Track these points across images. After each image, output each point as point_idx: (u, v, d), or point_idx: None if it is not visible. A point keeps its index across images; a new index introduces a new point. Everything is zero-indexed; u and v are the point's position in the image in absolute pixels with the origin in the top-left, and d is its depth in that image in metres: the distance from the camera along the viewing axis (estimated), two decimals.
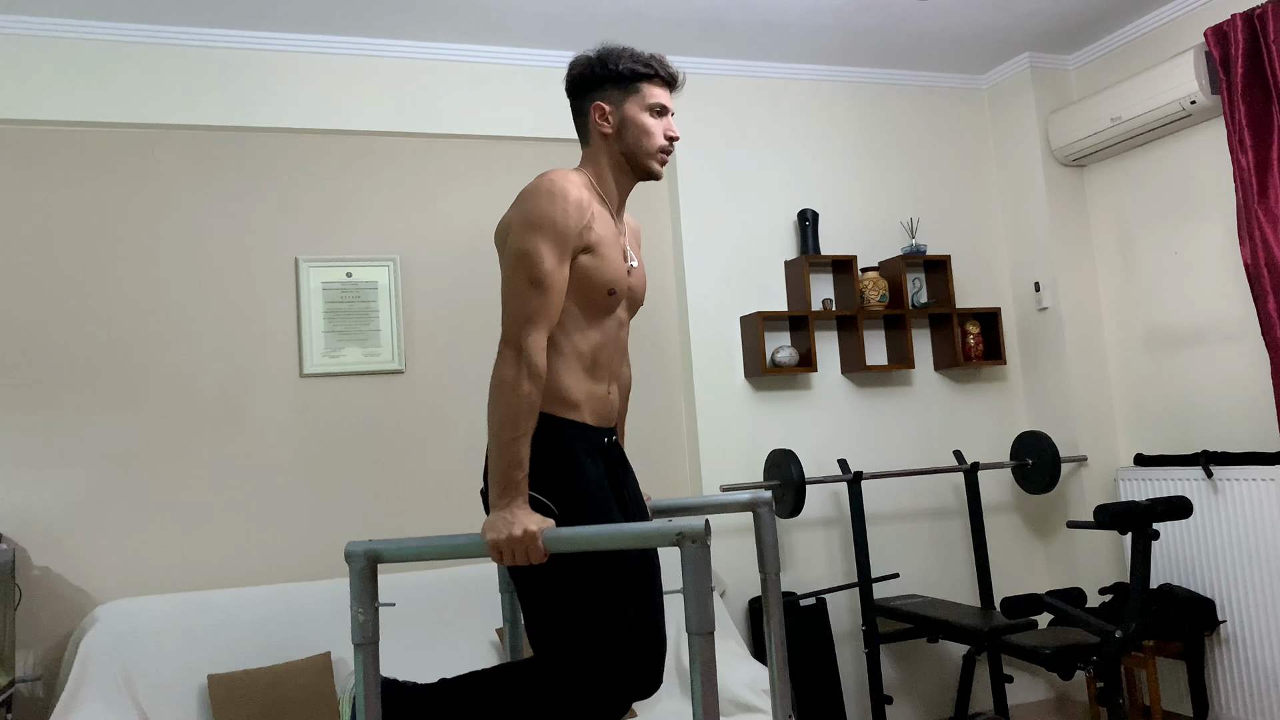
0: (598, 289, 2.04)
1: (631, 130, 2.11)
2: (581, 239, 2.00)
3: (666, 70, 2.15)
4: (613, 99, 2.12)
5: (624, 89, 2.11)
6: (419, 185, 4.02)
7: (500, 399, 1.89)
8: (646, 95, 2.12)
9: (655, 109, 2.13)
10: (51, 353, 3.53)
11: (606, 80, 2.11)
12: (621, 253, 2.11)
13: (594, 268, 2.03)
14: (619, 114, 2.11)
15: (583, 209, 2.00)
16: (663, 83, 2.14)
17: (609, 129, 2.12)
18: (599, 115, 2.12)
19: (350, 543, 1.78)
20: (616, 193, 2.16)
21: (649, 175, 2.16)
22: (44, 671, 3.38)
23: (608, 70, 2.11)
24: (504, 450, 1.87)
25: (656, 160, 2.14)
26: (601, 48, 2.14)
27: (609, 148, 2.14)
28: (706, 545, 1.60)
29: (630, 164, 2.14)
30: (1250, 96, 3.67)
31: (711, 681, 1.58)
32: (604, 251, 2.05)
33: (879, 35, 4.26)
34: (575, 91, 2.16)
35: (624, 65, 2.10)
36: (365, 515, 3.81)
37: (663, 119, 2.14)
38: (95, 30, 3.62)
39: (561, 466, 1.99)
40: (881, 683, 4.06)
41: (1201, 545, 3.95)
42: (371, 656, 1.76)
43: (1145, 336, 4.34)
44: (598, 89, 2.12)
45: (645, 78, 2.11)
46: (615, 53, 2.12)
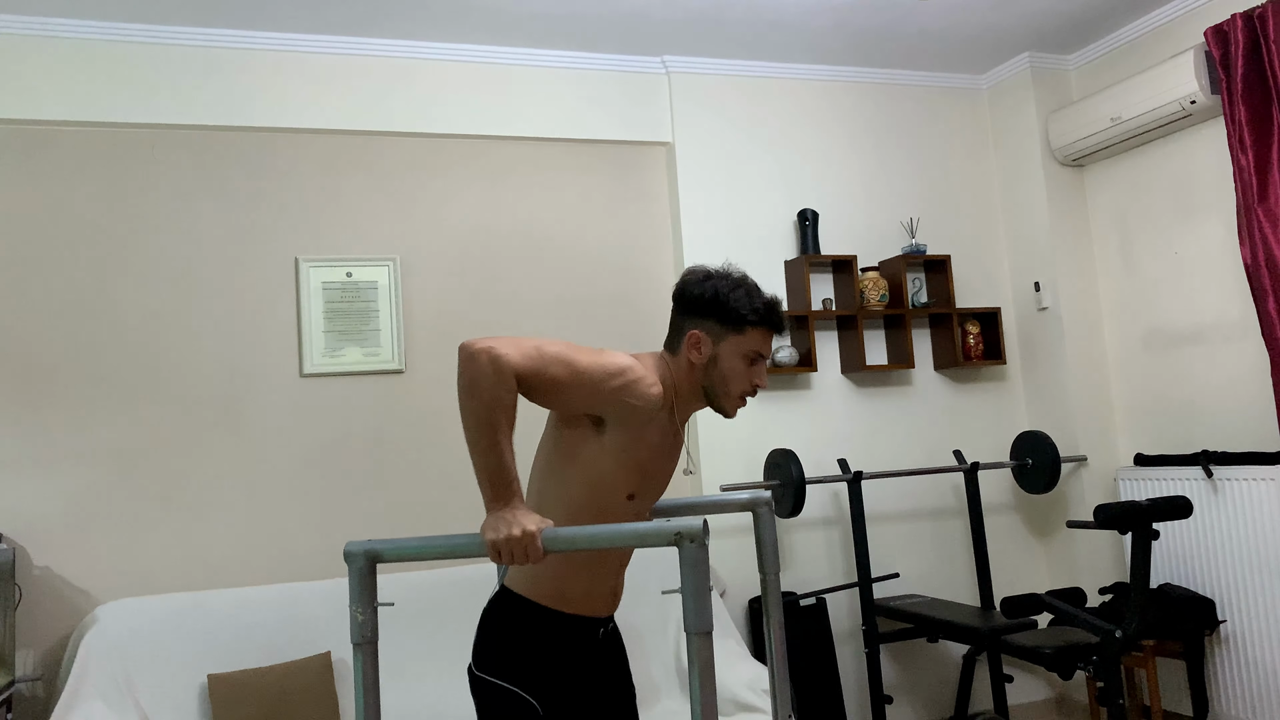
0: (618, 487, 1.93)
1: (720, 369, 1.99)
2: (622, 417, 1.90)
3: (777, 320, 2.02)
4: (713, 333, 1.99)
5: (727, 327, 1.98)
6: (419, 185, 4.02)
7: (472, 403, 1.79)
8: (748, 341, 1.99)
9: (750, 356, 2.01)
10: (52, 353, 3.53)
11: (713, 313, 1.98)
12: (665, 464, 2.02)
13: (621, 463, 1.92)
14: (713, 350, 1.99)
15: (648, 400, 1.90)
16: (769, 332, 2.02)
17: (699, 360, 2.00)
18: (693, 343, 1.99)
19: (349, 543, 1.78)
20: (682, 411, 2.05)
21: (720, 412, 2.05)
22: (44, 671, 3.38)
23: (717, 303, 1.98)
24: (486, 456, 1.80)
25: (732, 405, 2.03)
26: (720, 275, 2.00)
27: (692, 373, 2.01)
28: (704, 545, 1.60)
29: (707, 396, 2.03)
30: (1250, 96, 3.66)
31: (710, 681, 1.58)
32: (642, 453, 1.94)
33: (879, 35, 4.26)
34: (680, 305, 2.04)
35: (735, 304, 1.97)
36: (365, 515, 3.81)
37: (755, 366, 2.02)
38: (95, 30, 3.62)
39: (549, 665, 1.93)
40: (881, 683, 4.06)
41: (1201, 545, 3.95)
42: (370, 656, 1.76)
43: (1145, 336, 4.34)
44: (702, 316, 1.99)
45: (752, 324, 1.99)
46: (731, 286, 1.99)
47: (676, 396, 2.02)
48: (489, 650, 1.95)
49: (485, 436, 1.80)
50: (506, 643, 1.94)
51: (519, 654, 1.93)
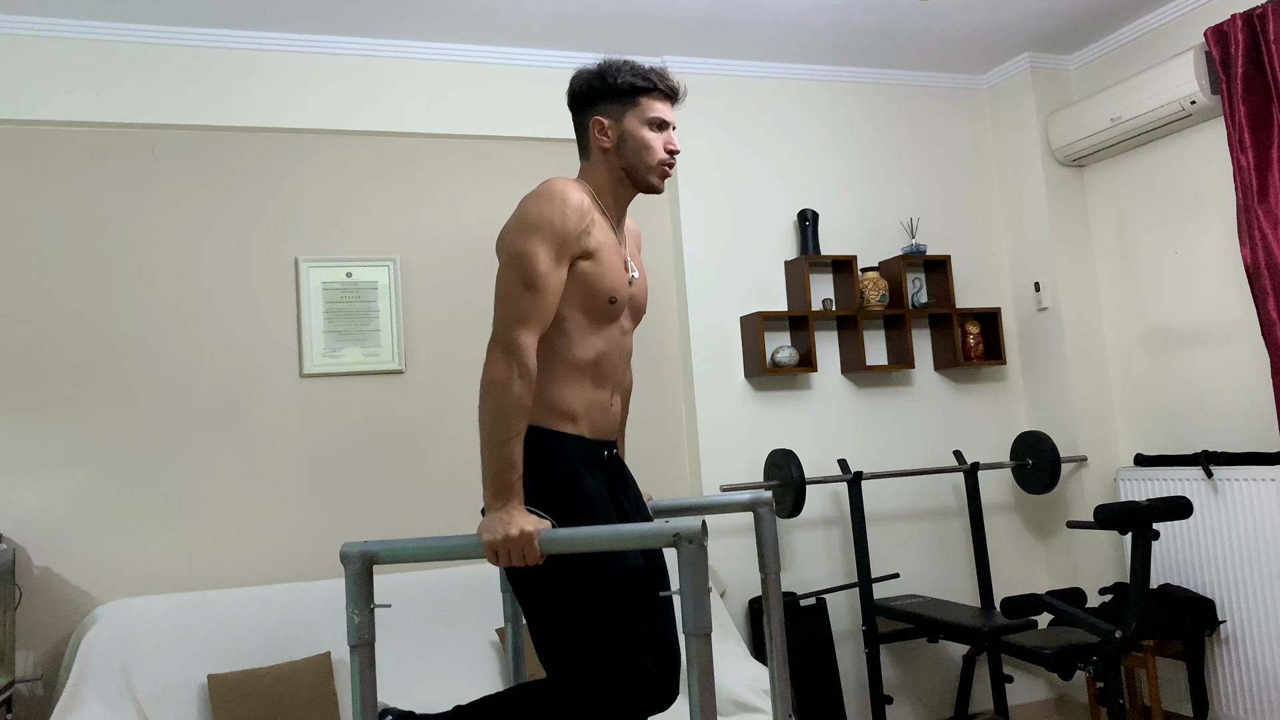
0: (599, 297, 2.03)
1: (631, 144, 2.10)
2: (580, 244, 1.99)
3: (667, 83, 2.12)
4: (612, 113, 2.10)
5: (623, 103, 2.09)
6: (419, 185, 4.02)
7: (491, 400, 1.87)
8: (646, 109, 2.10)
9: (655, 123, 2.11)
10: (52, 353, 3.53)
11: (606, 94, 2.10)
12: (623, 262, 2.11)
13: (594, 274, 2.02)
14: (618, 128, 2.10)
15: (582, 214, 1.99)
16: (663, 96, 2.12)
17: (608, 143, 2.10)
18: (598, 130, 2.10)
19: (345, 544, 1.78)
20: (615, 205, 2.15)
21: (650, 189, 2.14)
22: (44, 671, 3.38)
23: (607, 84, 2.09)
24: (497, 452, 1.85)
25: (657, 174, 2.13)
26: (602, 61, 2.12)
27: (608, 162, 2.12)
28: (703, 546, 1.60)
29: (631, 178, 2.13)
30: (1250, 96, 3.66)
31: (709, 683, 1.58)
32: (604, 258, 2.04)
33: (879, 35, 4.25)
34: (575, 105, 2.15)
35: (623, 79, 2.08)
36: (365, 515, 3.81)
37: (663, 132, 2.12)
38: (95, 30, 3.62)
39: (560, 481, 1.97)
40: (881, 683, 4.06)
41: (1201, 545, 3.95)
42: (367, 658, 1.76)
43: (1145, 336, 4.34)
44: (597, 103, 2.11)
45: (645, 91, 2.09)
46: (615, 66, 2.10)
47: (598, 193, 2.12)
48: None
49: (501, 432, 1.86)
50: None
51: (531, 475, 1.96)
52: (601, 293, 2.03)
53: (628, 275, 2.12)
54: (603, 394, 2.08)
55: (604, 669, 1.90)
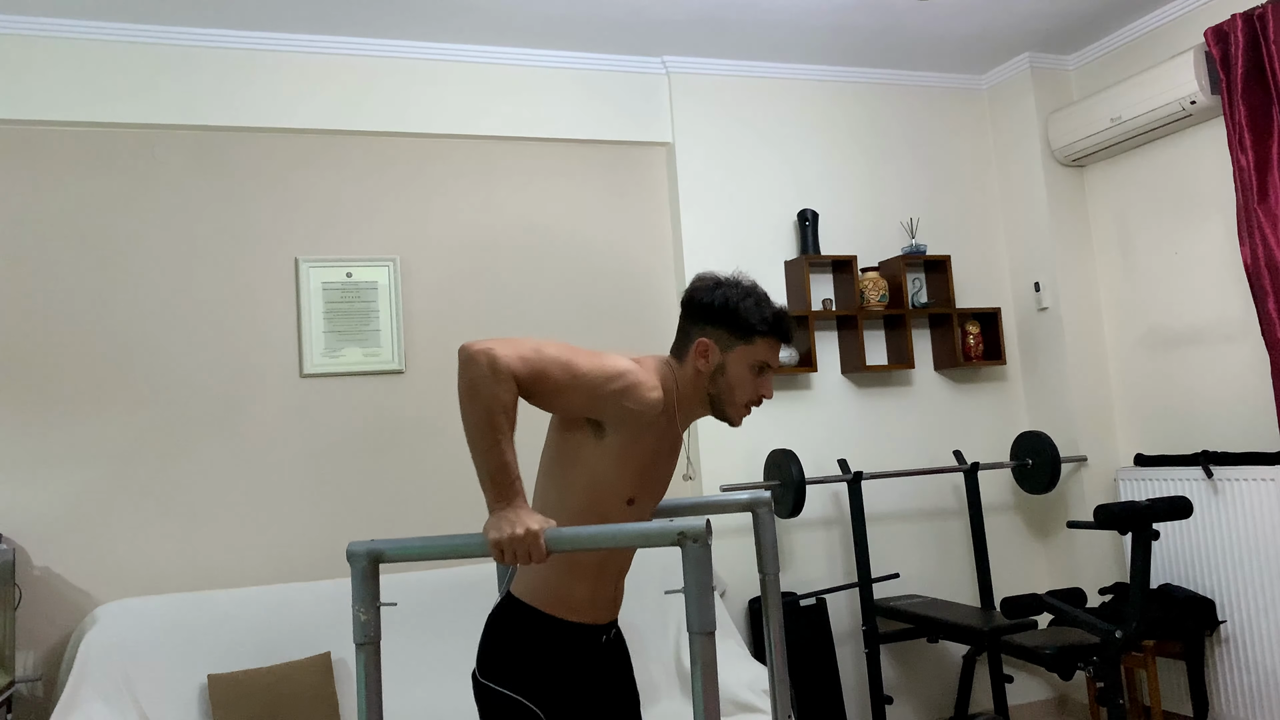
0: (618, 492, 1.92)
1: (726, 378, 1.98)
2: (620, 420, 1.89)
3: (785, 329, 2.00)
4: (721, 342, 1.97)
5: (736, 336, 1.97)
6: (419, 185, 4.02)
7: (472, 405, 1.78)
8: (756, 351, 1.97)
9: (758, 366, 1.99)
10: (51, 353, 3.53)
11: (723, 322, 1.97)
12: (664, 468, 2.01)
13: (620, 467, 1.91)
14: (721, 359, 1.97)
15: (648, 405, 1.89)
16: (777, 342, 2.01)
17: (705, 368, 1.98)
18: (700, 351, 1.97)
19: (352, 543, 1.77)
20: (684, 418, 2.04)
21: (725, 421, 2.04)
22: (44, 671, 3.38)
23: (727, 312, 1.97)
24: (488, 456, 1.80)
25: (738, 414, 2.02)
26: (730, 282, 1.99)
27: (698, 380, 2.00)
28: (708, 545, 1.60)
29: (712, 404, 2.01)
30: (1250, 96, 3.67)
31: (713, 681, 1.58)
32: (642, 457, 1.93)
33: (879, 35, 4.26)
34: (689, 312, 2.02)
35: (745, 313, 1.96)
36: (365, 515, 3.81)
37: (762, 376, 2.00)
38: (95, 30, 3.62)
39: (554, 673, 1.93)
40: (881, 683, 4.06)
41: (1201, 545, 3.95)
42: (373, 656, 1.76)
43: (1145, 336, 4.34)
44: (711, 324, 1.98)
45: (762, 334, 1.97)
46: (742, 295, 1.97)
47: (679, 402, 2.00)
48: (494, 658, 1.95)
49: (486, 437, 1.80)
50: (511, 651, 1.94)
51: (523, 662, 1.93)
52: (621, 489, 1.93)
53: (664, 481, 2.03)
54: (605, 589, 2.01)
55: None
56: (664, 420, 1.97)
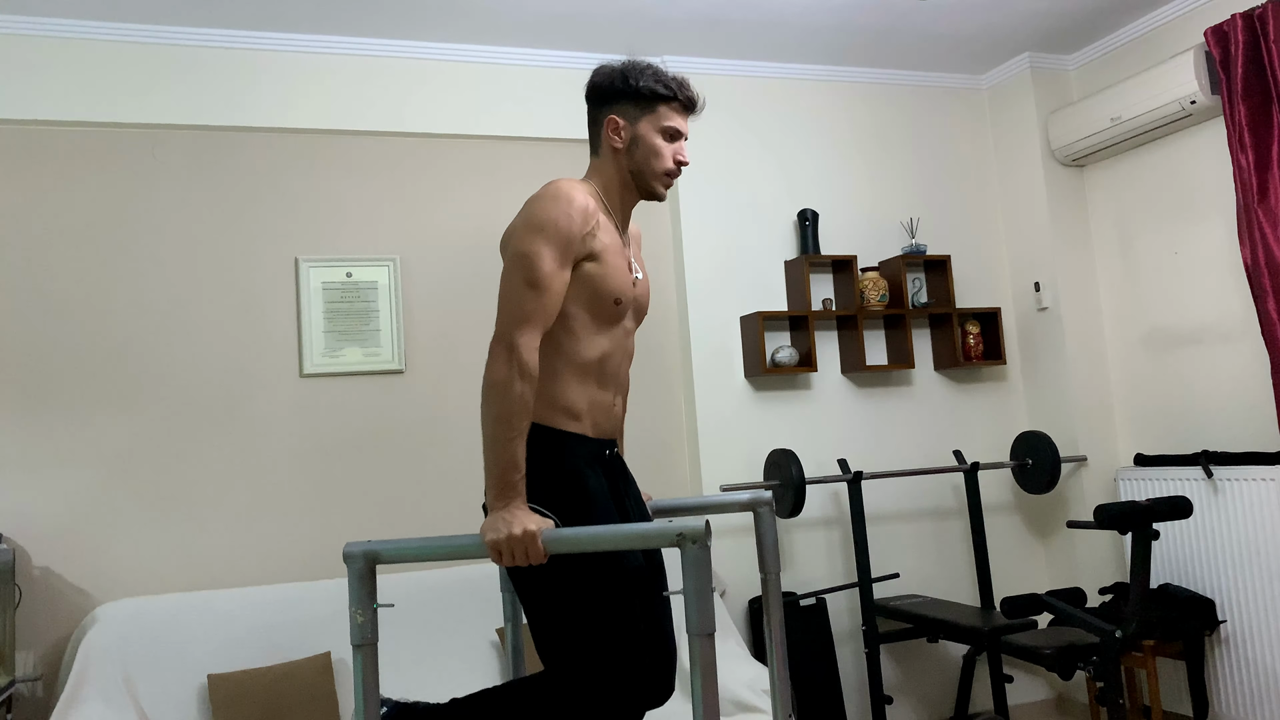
0: (604, 298, 2.04)
1: (641, 149, 2.10)
2: (585, 245, 2.00)
3: (686, 94, 2.12)
4: (628, 115, 2.10)
5: (640, 107, 2.09)
6: (419, 185, 4.02)
7: (494, 399, 1.88)
8: (662, 117, 2.10)
9: (668, 132, 2.11)
10: (52, 353, 3.53)
11: (625, 95, 2.09)
12: (627, 264, 2.11)
13: (599, 275, 2.02)
14: (631, 131, 2.10)
15: (588, 216, 1.99)
16: (681, 107, 2.12)
17: (620, 144, 2.11)
18: (611, 129, 2.11)
19: (348, 543, 1.78)
20: (621, 206, 2.16)
21: (652, 196, 2.15)
22: (44, 671, 3.38)
23: (628, 85, 2.09)
24: (500, 451, 1.86)
25: (661, 183, 2.13)
26: (627, 61, 2.11)
27: (617, 162, 2.12)
28: (707, 546, 1.60)
29: (636, 182, 2.13)
30: (1250, 96, 3.66)
31: (712, 683, 1.58)
32: (608, 260, 2.04)
33: (879, 35, 4.25)
34: (593, 100, 2.14)
35: (644, 83, 2.08)
36: (365, 515, 3.81)
37: (674, 143, 2.12)
38: (95, 30, 3.62)
39: (563, 479, 1.97)
40: (881, 683, 4.06)
41: (1201, 545, 3.95)
42: (370, 658, 1.76)
43: (1145, 336, 4.34)
44: (615, 102, 2.11)
45: (664, 99, 2.09)
46: (638, 69, 2.09)
47: (605, 193, 2.13)
48: None
49: (502, 433, 1.87)
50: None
51: (531, 473, 1.96)
52: (606, 294, 2.04)
53: (632, 276, 2.13)
54: (606, 394, 2.09)
55: (602, 665, 1.91)
56: (610, 222, 2.09)
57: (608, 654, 1.91)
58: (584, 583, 1.92)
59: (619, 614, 1.92)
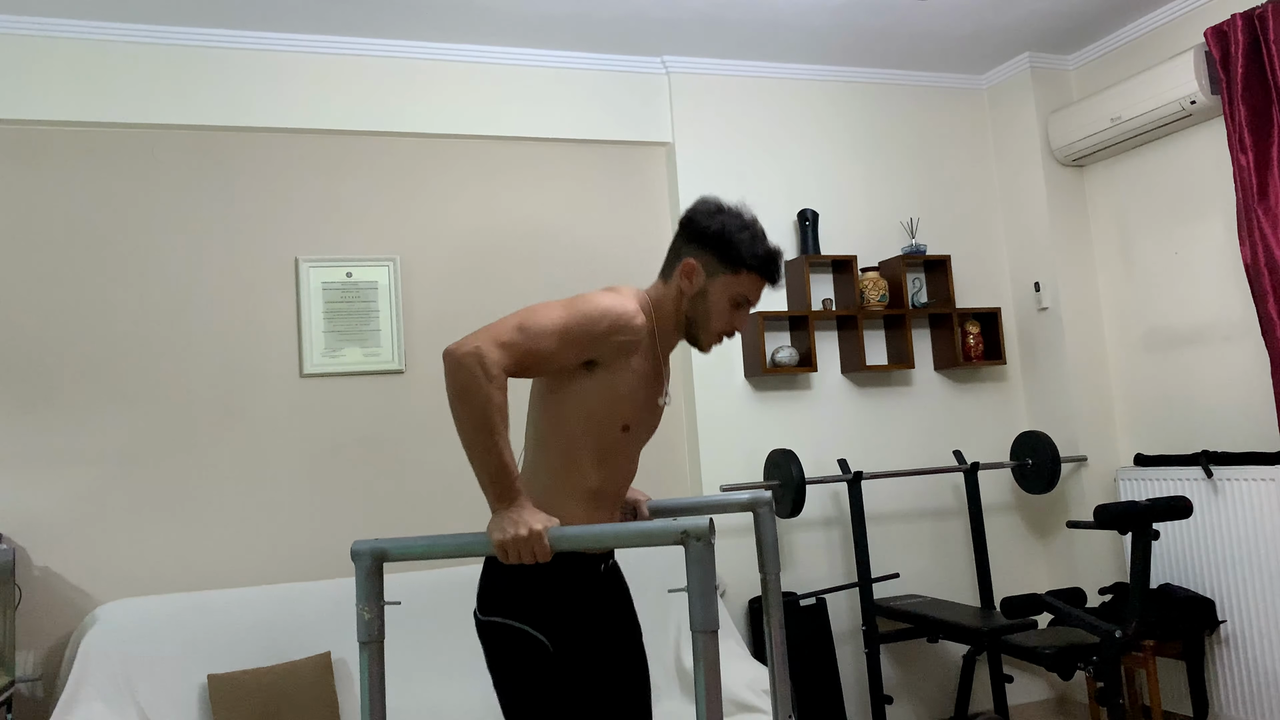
0: (613, 420, 1.95)
1: (706, 303, 2.01)
2: (612, 355, 1.91)
3: (773, 272, 2.02)
4: (709, 266, 1.99)
5: (724, 265, 1.99)
6: (419, 185, 4.02)
7: (466, 409, 1.78)
8: (740, 283, 2.00)
9: (738, 299, 2.02)
10: (52, 353, 3.52)
11: (714, 247, 1.99)
12: (653, 395, 2.03)
13: (613, 397, 1.94)
14: (704, 283, 2.00)
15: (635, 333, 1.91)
16: (762, 280, 2.02)
17: (687, 290, 2.01)
18: (686, 272, 2.00)
19: (356, 541, 1.78)
20: (667, 339, 2.06)
21: (695, 346, 2.07)
22: (44, 671, 3.37)
23: (721, 239, 1.98)
24: (486, 458, 1.79)
25: (708, 342, 2.05)
26: (730, 211, 2.00)
27: (678, 302, 2.02)
28: (710, 544, 1.60)
29: (686, 326, 2.04)
30: (1250, 96, 3.67)
31: (715, 680, 1.58)
32: (632, 384, 1.95)
33: (879, 35, 4.26)
34: (684, 231, 2.04)
35: (738, 244, 1.98)
36: (365, 515, 3.81)
37: (739, 310, 2.03)
38: (95, 30, 3.62)
39: (554, 601, 1.93)
40: (881, 683, 4.06)
41: (1201, 545, 3.95)
42: (376, 655, 1.76)
43: (1145, 336, 4.34)
44: (702, 247, 2.00)
45: (749, 268, 1.99)
46: (740, 226, 1.99)
47: (658, 323, 2.04)
48: (494, 591, 1.95)
49: (483, 440, 1.80)
50: (511, 581, 1.94)
51: (524, 592, 1.93)
52: (616, 417, 1.95)
53: (656, 406, 2.05)
54: (604, 515, 2.02)
55: None
56: (649, 343, 2.00)
57: None
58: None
59: None
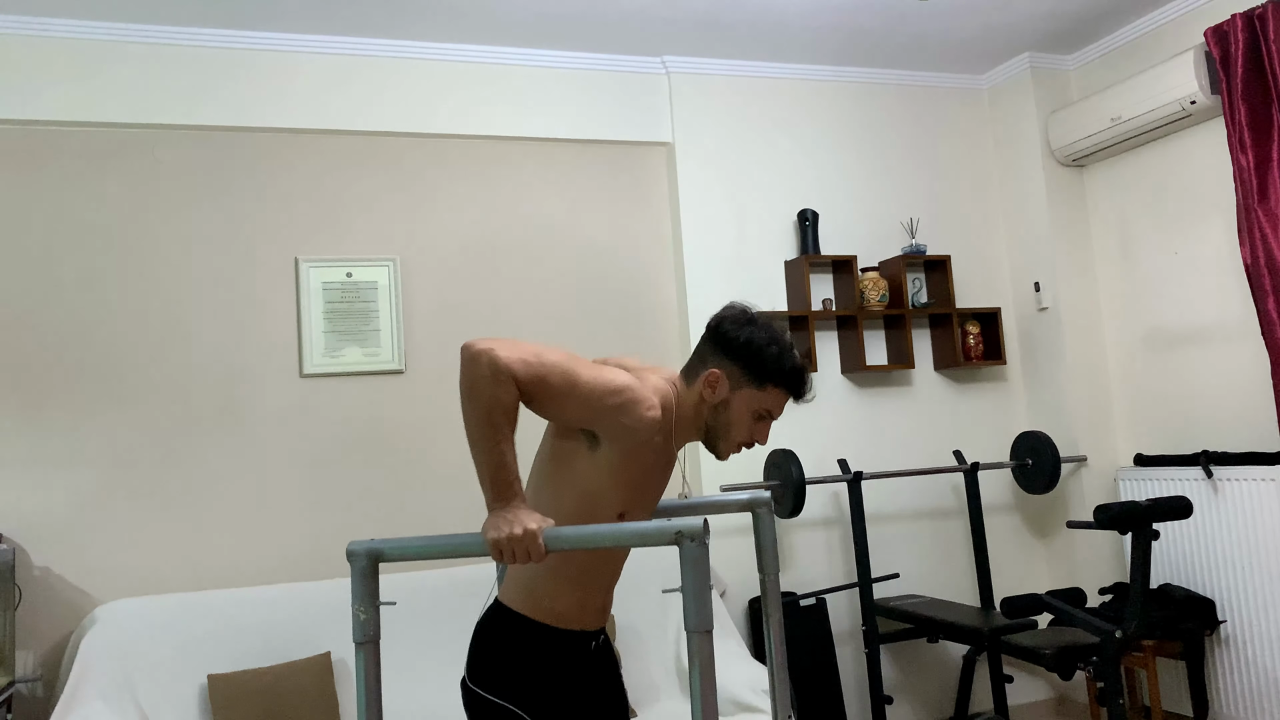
0: (609, 504, 1.90)
1: (728, 416, 1.97)
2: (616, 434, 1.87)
3: (799, 389, 1.99)
4: (734, 378, 1.95)
5: (749, 379, 1.95)
6: (419, 185, 4.02)
7: (472, 404, 1.78)
8: (766, 399, 1.96)
9: (761, 414, 1.98)
10: (52, 353, 3.53)
11: (741, 360, 1.95)
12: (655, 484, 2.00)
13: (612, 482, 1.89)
14: (728, 395, 1.96)
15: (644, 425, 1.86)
16: (787, 395, 1.99)
17: (709, 399, 1.97)
18: (710, 381, 1.96)
19: (352, 542, 1.78)
20: (681, 437, 2.03)
21: (712, 452, 2.03)
22: (44, 671, 3.38)
23: (748, 354, 1.95)
24: (488, 454, 1.80)
25: (726, 451, 2.01)
26: (761, 325, 1.97)
27: (700, 408, 1.98)
28: (705, 544, 1.60)
29: (706, 434, 2.01)
30: (1250, 96, 3.67)
31: (710, 680, 1.58)
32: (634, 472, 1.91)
33: (879, 35, 4.26)
34: (713, 338, 1.99)
35: (767, 360, 1.94)
36: (365, 515, 3.81)
37: (761, 422, 1.99)
38: (95, 30, 3.62)
39: (542, 679, 1.92)
40: (881, 683, 4.06)
41: (1201, 545, 3.95)
42: (372, 655, 1.76)
43: (1145, 336, 4.34)
44: (729, 358, 1.96)
45: (776, 385, 1.98)
46: (768, 340, 1.95)
47: (676, 422, 1.98)
48: (483, 665, 1.94)
49: (487, 437, 1.79)
50: (500, 658, 1.93)
51: (512, 670, 1.92)
52: (612, 503, 1.90)
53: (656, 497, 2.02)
54: (596, 598, 2.00)
55: None
56: (660, 438, 1.94)
57: None
58: None
59: None
